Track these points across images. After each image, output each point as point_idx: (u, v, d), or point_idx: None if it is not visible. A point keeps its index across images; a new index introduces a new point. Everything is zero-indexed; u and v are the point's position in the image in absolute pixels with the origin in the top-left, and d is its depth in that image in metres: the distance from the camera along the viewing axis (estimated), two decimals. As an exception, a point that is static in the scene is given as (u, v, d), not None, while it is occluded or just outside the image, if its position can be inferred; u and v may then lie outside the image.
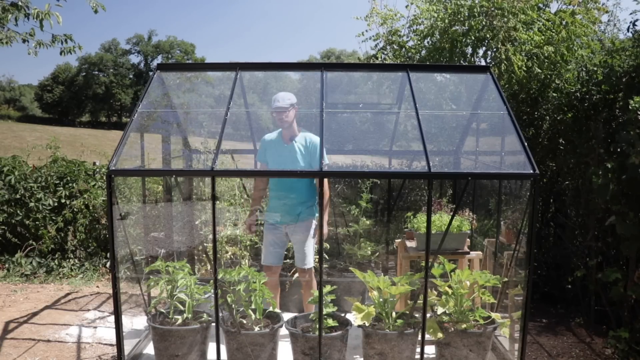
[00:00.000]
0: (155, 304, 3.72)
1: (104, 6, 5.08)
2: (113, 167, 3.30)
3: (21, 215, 6.37)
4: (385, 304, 3.50)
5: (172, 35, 68.92)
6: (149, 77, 4.08)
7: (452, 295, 3.56)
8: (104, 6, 5.08)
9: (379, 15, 6.17)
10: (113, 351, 4.08)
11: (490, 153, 4.65)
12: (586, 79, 4.85)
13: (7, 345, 4.23)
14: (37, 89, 64.02)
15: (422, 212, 4.29)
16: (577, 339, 4.45)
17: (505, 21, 5.24)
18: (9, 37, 4.95)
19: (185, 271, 3.65)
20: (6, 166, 6.58)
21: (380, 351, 3.39)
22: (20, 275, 6.15)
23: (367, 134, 5.53)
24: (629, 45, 4.63)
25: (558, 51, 5.20)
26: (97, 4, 5.03)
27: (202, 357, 3.54)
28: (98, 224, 6.54)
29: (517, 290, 3.79)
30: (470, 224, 4.24)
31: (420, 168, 4.93)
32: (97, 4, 5.03)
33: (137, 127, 3.79)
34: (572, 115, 4.92)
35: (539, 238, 5.20)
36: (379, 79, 5.48)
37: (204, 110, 5.17)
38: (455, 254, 4.06)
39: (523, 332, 3.33)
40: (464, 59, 5.86)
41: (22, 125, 41.81)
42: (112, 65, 62.74)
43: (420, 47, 5.90)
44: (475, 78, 4.43)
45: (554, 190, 5.40)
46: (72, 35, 5.29)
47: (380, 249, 5.23)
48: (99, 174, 6.71)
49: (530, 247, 3.27)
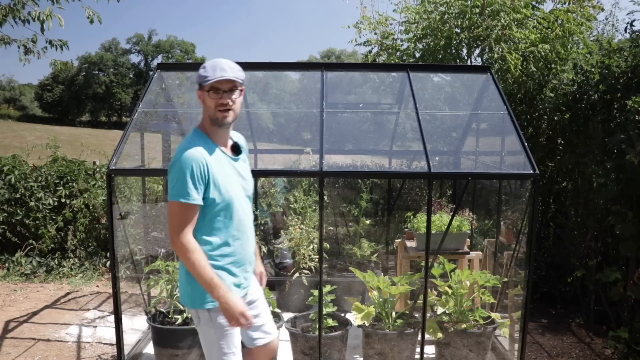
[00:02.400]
0: (155, 304, 3.72)
1: (100, 17, 5.05)
2: (113, 166, 3.31)
3: (21, 214, 6.37)
4: (385, 304, 3.50)
5: (172, 35, 68.83)
6: (149, 77, 4.08)
7: (452, 295, 3.56)
8: (100, 17, 5.05)
9: (369, 23, 6.16)
10: (113, 351, 4.08)
11: (490, 153, 4.66)
12: (583, 79, 4.85)
13: (7, 345, 4.23)
14: (37, 88, 63.99)
15: (422, 212, 4.29)
16: (577, 339, 4.46)
17: (498, 19, 5.25)
18: (4, 41, 4.94)
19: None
20: (6, 165, 6.58)
21: (380, 351, 3.40)
22: (20, 275, 6.15)
23: (367, 134, 5.54)
24: (627, 46, 4.63)
25: (554, 49, 5.20)
26: (94, 12, 5.01)
27: (202, 357, 3.54)
28: (98, 224, 6.54)
29: (517, 290, 3.80)
30: (470, 224, 4.25)
31: (420, 168, 4.94)
32: (93, 12, 5.01)
33: (137, 126, 3.79)
34: (570, 115, 4.93)
35: (539, 238, 5.20)
36: (379, 78, 5.48)
37: (204, 110, 5.16)
38: (455, 254, 4.06)
39: (523, 332, 3.33)
40: (459, 59, 5.86)
41: (22, 124, 41.77)
42: (112, 65, 62.69)
43: (415, 49, 5.91)
44: (475, 78, 4.43)
45: (553, 190, 5.40)
46: (68, 42, 5.26)
47: (380, 249, 5.23)
48: (99, 174, 6.71)
49: (530, 247, 3.27)
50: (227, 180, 2.18)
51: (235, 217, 2.22)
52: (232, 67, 2.14)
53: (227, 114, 2.15)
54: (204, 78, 2.11)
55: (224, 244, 2.22)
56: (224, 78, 2.09)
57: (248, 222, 2.32)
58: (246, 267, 2.33)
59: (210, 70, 2.11)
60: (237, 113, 2.21)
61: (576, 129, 4.89)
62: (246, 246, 2.31)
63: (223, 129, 2.21)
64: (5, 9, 4.75)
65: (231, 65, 2.15)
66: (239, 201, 2.23)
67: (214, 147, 2.19)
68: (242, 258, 2.29)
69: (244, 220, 2.28)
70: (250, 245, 2.34)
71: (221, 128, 2.20)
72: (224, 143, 2.26)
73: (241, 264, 2.29)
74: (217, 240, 2.20)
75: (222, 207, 2.17)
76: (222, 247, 2.21)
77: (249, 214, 2.34)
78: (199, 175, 2.08)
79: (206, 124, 2.21)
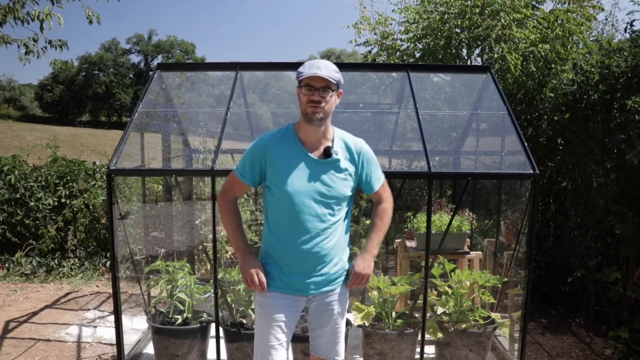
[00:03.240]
0: (155, 304, 3.72)
1: (99, 18, 5.04)
2: (113, 166, 3.30)
3: (21, 214, 6.37)
4: (385, 304, 3.50)
5: (172, 35, 68.92)
6: (149, 77, 4.08)
7: (452, 295, 3.56)
8: (99, 18, 5.04)
9: (368, 23, 6.16)
10: (113, 351, 4.08)
11: (490, 153, 4.65)
12: (582, 79, 4.85)
13: (7, 345, 4.23)
14: (37, 88, 64.04)
15: (422, 212, 4.29)
16: (577, 339, 4.46)
17: (498, 19, 5.25)
18: (5, 40, 4.94)
19: (185, 271, 3.66)
20: (6, 165, 6.58)
21: (380, 351, 3.40)
22: (20, 275, 6.15)
23: (367, 134, 5.51)
24: (626, 46, 4.63)
25: (554, 49, 5.21)
26: (93, 12, 5.00)
27: (202, 356, 3.54)
28: (98, 224, 6.54)
29: (516, 290, 3.80)
30: (470, 224, 4.25)
31: (420, 168, 4.94)
32: (92, 12, 5.00)
33: (137, 126, 3.79)
34: (570, 115, 4.93)
35: (539, 238, 5.21)
36: (379, 79, 5.48)
37: (204, 110, 5.18)
38: (455, 254, 4.06)
39: (523, 332, 3.33)
40: (459, 59, 5.86)
41: (22, 124, 41.80)
42: (112, 65, 62.71)
43: (415, 49, 5.91)
44: (475, 78, 4.43)
45: (553, 190, 5.40)
46: (67, 42, 5.25)
47: (380, 248, 5.23)
48: (99, 174, 6.71)
49: (530, 247, 3.27)
50: (292, 173, 2.20)
51: (293, 213, 2.20)
52: (327, 66, 2.16)
53: (316, 110, 2.14)
54: (299, 74, 2.16)
55: (273, 235, 2.27)
56: (317, 75, 2.11)
57: (311, 225, 2.21)
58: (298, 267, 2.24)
59: (307, 67, 2.16)
60: (328, 112, 2.19)
61: (576, 129, 4.89)
62: (298, 249, 2.22)
63: (313, 126, 2.19)
64: (5, 8, 4.74)
65: (327, 65, 2.17)
66: (301, 199, 2.19)
67: (292, 141, 2.24)
68: (289, 260, 2.25)
69: (304, 222, 2.20)
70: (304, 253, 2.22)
71: (311, 125, 2.19)
72: (313, 141, 2.24)
73: (288, 265, 2.25)
74: (271, 226, 2.28)
75: (279, 197, 2.21)
76: (272, 236, 2.28)
77: (316, 217, 2.22)
78: (254, 157, 2.24)
79: (300, 121, 2.25)
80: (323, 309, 2.34)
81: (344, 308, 2.41)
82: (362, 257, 2.36)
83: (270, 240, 2.30)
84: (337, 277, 2.33)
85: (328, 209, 2.23)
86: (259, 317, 2.32)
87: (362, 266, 2.34)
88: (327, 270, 2.27)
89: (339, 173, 2.25)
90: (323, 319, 2.36)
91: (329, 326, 2.37)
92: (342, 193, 2.26)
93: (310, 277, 2.25)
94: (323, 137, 2.25)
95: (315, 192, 2.20)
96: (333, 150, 2.24)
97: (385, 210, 2.46)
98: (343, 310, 2.40)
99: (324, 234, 2.23)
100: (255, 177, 2.26)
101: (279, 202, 2.22)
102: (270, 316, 2.26)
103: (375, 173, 2.39)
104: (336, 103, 2.24)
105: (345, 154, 2.28)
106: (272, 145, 2.23)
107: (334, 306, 2.35)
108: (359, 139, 2.36)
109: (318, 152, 2.24)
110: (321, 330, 2.38)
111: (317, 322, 2.37)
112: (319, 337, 2.40)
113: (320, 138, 2.25)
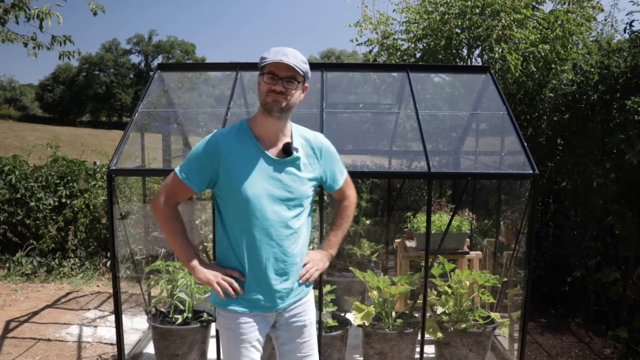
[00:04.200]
0: (156, 304, 3.73)
1: (104, 8, 5.05)
2: (113, 166, 3.31)
3: (22, 214, 6.38)
4: (385, 304, 3.51)
5: (172, 35, 68.87)
6: (149, 77, 4.09)
7: (451, 295, 3.56)
8: (104, 8, 5.05)
9: (370, 22, 6.16)
10: (113, 350, 4.09)
11: (490, 153, 4.66)
12: (582, 80, 4.86)
13: (7, 345, 4.24)
14: (37, 88, 64.07)
15: (422, 212, 4.30)
16: (577, 338, 4.46)
17: (498, 19, 5.26)
18: (9, 38, 4.95)
19: (185, 271, 3.66)
20: (7, 165, 6.59)
21: (380, 351, 3.40)
22: (20, 275, 6.16)
23: (367, 134, 5.54)
24: (626, 46, 4.64)
25: (554, 49, 5.22)
26: (97, 5, 5.01)
27: (202, 356, 3.55)
28: (98, 224, 6.54)
29: (516, 290, 3.80)
30: (470, 223, 4.25)
31: (420, 168, 4.94)
32: (96, 5, 5.01)
33: (138, 126, 3.80)
34: (570, 115, 4.93)
35: (539, 238, 5.21)
36: (379, 79, 5.49)
37: (204, 110, 5.18)
38: (455, 253, 4.07)
39: (522, 332, 3.34)
40: (460, 59, 5.87)
41: (22, 124, 41.80)
42: (113, 65, 62.72)
43: (415, 49, 5.92)
44: (475, 78, 4.44)
45: (553, 190, 5.40)
46: (72, 37, 5.27)
47: (380, 248, 5.24)
48: (99, 174, 6.72)
49: (530, 247, 3.28)
50: (250, 176, 1.94)
51: (253, 220, 1.95)
52: (295, 55, 1.90)
53: (278, 99, 1.88)
54: (263, 59, 1.90)
55: (231, 247, 2.01)
56: (283, 62, 1.86)
57: (275, 232, 1.98)
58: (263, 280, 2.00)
59: (272, 53, 1.90)
60: (291, 105, 1.94)
61: (575, 129, 4.90)
62: (261, 261, 1.98)
63: (272, 119, 1.94)
64: (7, 8, 4.76)
65: (295, 54, 1.91)
66: (260, 203, 1.94)
67: (247, 139, 1.98)
68: (252, 275, 1.99)
69: (267, 228, 1.96)
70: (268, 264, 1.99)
71: (270, 118, 1.94)
72: (271, 137, 1.99)
73: (250, 280, 1.99)
74: (229, 236, 2.01)
75: (236, 203, 1.95)
76: (229, 248, 2.02)
77: (279, 222, 1.98)
78: (205, 158, 1.95)
79: (258, 115, 2.01)
80: (294, 321, 2.12)
81: (314, 316, 2.21)
82: (318, 252, 2.20)
83: (226, 254, 2.03)
84: (303, 283, 2.13)
85: (291, 211, 2.00)
86: (227, 342, 2.05)
87: (316, 259, 2.16)
88: (293, 279, 2.06)
89: (300, 172, 2.02)
90: (294, 332, 2.13)
91: (301, 338, 2.14)
92: (305, 193, 2.03)
93: (276, 290, 2.02)
94: (281, 132, 2.00)
95: (276, 194, 1.96)
96: (293, 147, 1.99)
97: (348, 208, 2.27)
98: (314, 318, 2.20)
99: (288, 240, 2.01)
100: (204, 181, 1.97)
101: (236, 209, 1.96)
102: (239, 338, 2.02)
103: (338, 169, 2.19)
104: (300, 99, 1.98)
105: (305, 150, 2.06)
106: (225, 145, 1.95)
107: (304, 316, 2.14)
108: (318, 134, 2.14)
109: (276, 149, 1.99)
110: (292, 345, 2.14)
111: (288, 336, 2.13)
112: (291, 352, 2.14)
113: (279, 134, 2.00)
